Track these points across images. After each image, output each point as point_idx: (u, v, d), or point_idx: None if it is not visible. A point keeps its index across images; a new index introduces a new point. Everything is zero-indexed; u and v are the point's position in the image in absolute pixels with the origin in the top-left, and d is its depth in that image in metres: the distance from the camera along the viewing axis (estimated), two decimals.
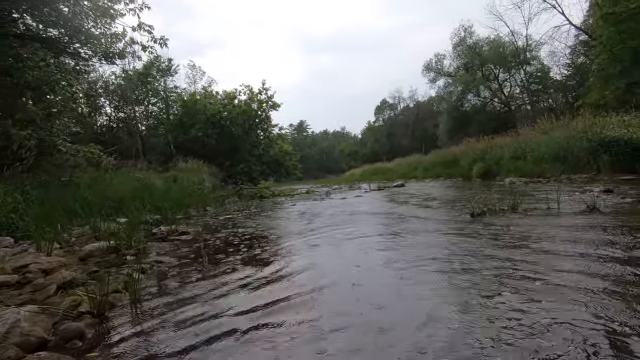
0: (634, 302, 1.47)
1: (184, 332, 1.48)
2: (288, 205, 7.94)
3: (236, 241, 3.67)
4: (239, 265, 2.59)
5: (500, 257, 2.31)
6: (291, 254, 2.97)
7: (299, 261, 2.65)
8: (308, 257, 2.76)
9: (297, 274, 2.28)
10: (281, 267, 2.51)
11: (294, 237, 3.80)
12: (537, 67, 30.35)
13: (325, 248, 3.10)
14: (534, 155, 10.58)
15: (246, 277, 2.28)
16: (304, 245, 3.33)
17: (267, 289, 2.01)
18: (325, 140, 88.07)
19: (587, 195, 4.94)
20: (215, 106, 24.91)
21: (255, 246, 3.33)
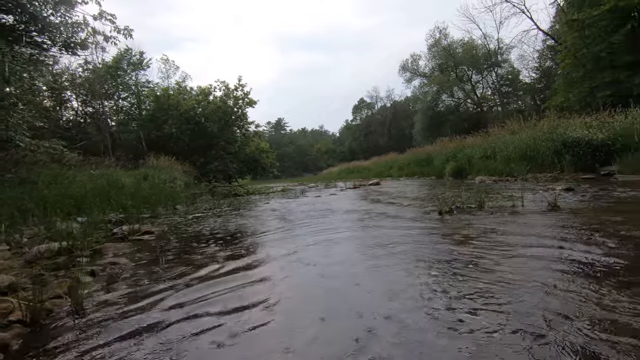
0: (566, 292, 1.49)
1: (126, 342, 1.37)
2: (261, 204, 7.81)
3: (201, 240, 3.53)
4: (198, 266, 2.48)
5: (452, 250, 2.41)
6: (255, 251, 2.87)
7: (262, 259, 2.56)
8: (271, 255, 2.68)
9: (255, 270, 2.20)
10: (242, 264, 2.42)
11: (260, 235, 3.71)
12: (508, 70, 31.49)
13: (291, 244, 3.03)
14: (502, 154, 10.92)
15: (203, 277, 2.17)
16: (269, 242, 3.25)
17: (224, 288, 1.91)
18: (303, 139, 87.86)
19: (550, 194, 5.12)
20: (189, 102, 24.25)
21: (220, 245, 3.21)
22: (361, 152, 48.23)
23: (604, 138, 8.28)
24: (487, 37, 29.36)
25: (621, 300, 1.44)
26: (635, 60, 14.19)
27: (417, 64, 35.15)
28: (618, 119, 8.90)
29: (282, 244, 3.17)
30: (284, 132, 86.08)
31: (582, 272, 1.84)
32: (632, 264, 1.87)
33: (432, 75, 32.84)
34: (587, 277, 1.75)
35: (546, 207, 3.90)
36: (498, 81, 31.21)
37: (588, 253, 2.12)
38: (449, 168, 12.89)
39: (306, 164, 75.78)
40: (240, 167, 27.50)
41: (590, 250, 2.17)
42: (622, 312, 1.34)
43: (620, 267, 1.84)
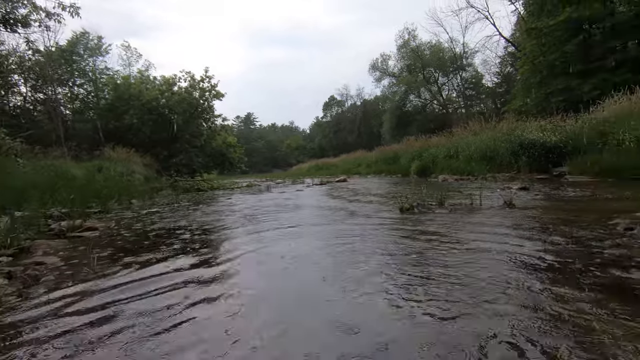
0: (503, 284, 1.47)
1: (19, 351, 1.16)
2: (223, 199, 7.52)
3: (148, 238, 3.27)
4: (137, 264, 2.25)
5: (405, 244, 2.43)
6: (202, 249, 2.68)
7: (208, 258, 2.38)
8: (218, 253, 2.50)
9: (195, 270, 2.02)
10: (184, 264, 2.23)
11: (213, 231, 3.50)
12: (472, 74, 32.76)
13: (241, 241, 2.86)
14: (465, 154, 11.28)
15: (137, 277, 1.96)
16: (219, 239, 3.05)
17: (155, 289, 1.72)
18: (273, 134, 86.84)
19: (506, 192, 5.29)
20: (152, 92, 23.08)
21: (167, 242, 2.98)
22: (331, 149, 48.40)
23: (556, 140, 8.73)
24: (454, 41, 30.38)
25: (545, 288, 1.56)
26: (585, 69, 15.17)
27: (387, 63, 35.73)
28: (569, 123, 9.43)
29: (232, 240, 2.99)
30: (254, 127, 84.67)
31: (522, 263, 1.89)
32: (565, 258, 1.89)
33: (400, 75, 33.49)
34: (524, 268, 1.81)
35: (502, 205, 3.99)
36: (463, 84, 32.40)
37: (530, 247, 2.16)
38: (415, 167, 13.15)
39: (276, 160, 74.99)
40: (206, 161, 26.63)
41: (533, 245, 2.21)
42: (544, 295, 1.47)
43: (553, 261, 1.89)
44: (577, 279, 1.62)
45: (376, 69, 35.99)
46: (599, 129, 7.79)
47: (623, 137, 6.80)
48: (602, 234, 2.35)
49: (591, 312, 1.28)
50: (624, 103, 8.21)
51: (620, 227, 2.42)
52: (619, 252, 1.93)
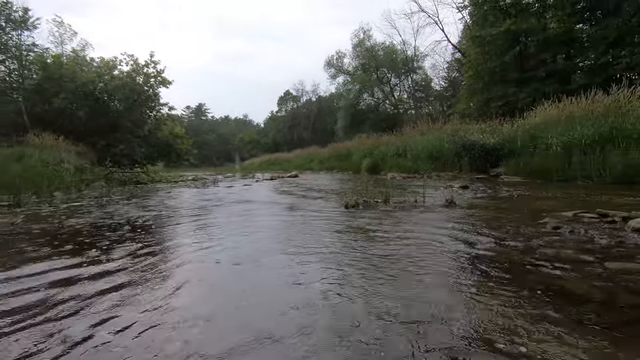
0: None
1: None
2: (162, 193, 6.97)
3: (56, 236, 2.83)
4: (30, 263, 1.88)
5: (343, 239, 2.34)
6: (108, 246, 2.34)
7: (113, 256, 2.06)
8: (124, 252, 2.19)
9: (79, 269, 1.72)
10: (80, 261, 1.90)
11: (134, 228, 3.13)
12: (422, 77, 34.15)
13: (161, 238, 2.56)
14: (412, 153, 11.64)
15: (19, 280, 1.61)
16: (135, 237, 2.72)
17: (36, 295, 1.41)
18: (226, 127, 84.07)
19: (448, 191, 5.46)
20: (88, 74, 20.99)
21: (76, 240, 2.58)
22: (285, 144, 47.90)
23: (494, 143, 9.28)
24: (406, 43, 31.41)
25: (469, 282, 1.60)
26: (521, 78, 16.44)
27: (342, 61, 35.99)
28: (506, 127, 10.10)
29: (150, 238, 2.68)
30: (205, 118, 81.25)
31: (451, 257, 1.90)
32: (495, 254, 1.89)
33: (355, 74, 33.94)
34: (452, 260, 1.85)
35: (444, 203, 4.07)
36: (413, 86, 33.68)
37: (463, 242, 2.16)
38: (365, 164, 13.34)
39: (228, 154, 72.69)
40: (150, 152, 24.85)
41: (466, 241, 2.22)
42: (464, 287, 1.53)
43: (482, 256, 1.88)
44: (500, 274, 1.60)
45: (331, 66, 36.14)
46: (531, 134, 8.40)
47: (551, 142, 7.38)
48: (532, 232, 2.42)
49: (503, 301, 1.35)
50: (552, 110, 8.95)
51: (549, 226, 2.51)
52: (548, 251, 1.97)
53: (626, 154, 5.94)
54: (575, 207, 3.11)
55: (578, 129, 7.03)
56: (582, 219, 2.72)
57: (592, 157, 6.36)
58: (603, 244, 2.02)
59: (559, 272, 1.64)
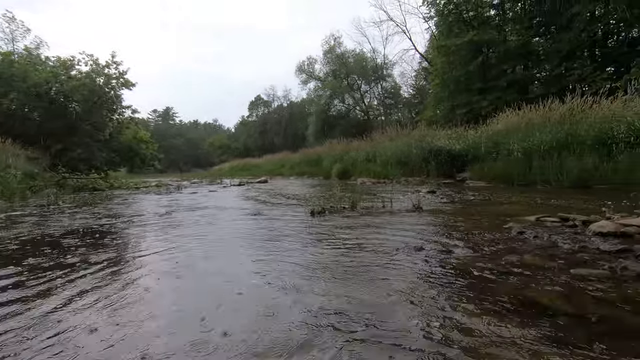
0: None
1: None
2: (118, 200, 6.50)
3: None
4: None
5: (302, 249, 2.17)
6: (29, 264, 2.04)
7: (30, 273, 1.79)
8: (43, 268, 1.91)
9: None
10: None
11: (70, 241, 2.81)
12: (392, 85, 34.93)
13: (105, 251, 2.28)
14: (382, 159, 11.73)
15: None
16: (71, 250, 2.42)
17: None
18: (195, 132, 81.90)
19: (416, 196, 5.45)
20: (42, 74, 19.65)
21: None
22: (256, 149, 47.24)
23: (460, 149, 9.52)
24: (375, 51, 32.06)
25: (420, 282, 1.57)
26: (484, 87, 17.14)
27: (313, 67, 36.15)
28: (471, 133, 10.40)
29: (90, 252, 2.39)
30: (173, 122, 78.74)
31: (415, 262, 1.76)
32: (456, 257, 1.81)
33: (326, 80, 34.15)
34: (416, 266, 1.71)
35: (411, 208, 4.01)
36: (383, 93, 34.36)
37: (428, 248, 2.05)
38: (336, 169, 13.30)
39: (197, 159, 70.79)
40: (111, 157, 23.62)
41: (431, 247, 2.11)
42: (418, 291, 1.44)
43: (447, 263, 1.77)
44: (463, 283, 1.50)
45: (303, 72, 36.17)
46: (494, 140, 8.67)
47: (512, 148, 7.64)
48: (497, 238, 2.37)
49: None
50: (513, 118, 9.31)
51: (514, 231, 2.48)
52: (513, 258, 1.90)
53: (581, 159, 6.22)
54: (537, 212, 3.14)
55: (537, 135, 7.32)
56: (545, 223, 2.73)
57: (550, 162, 6.62)
58: (566, 248, 2.00)
59: (524, 280, 1.56)
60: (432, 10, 21.15)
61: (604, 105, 7.38)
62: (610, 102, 7.34)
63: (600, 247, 1.95)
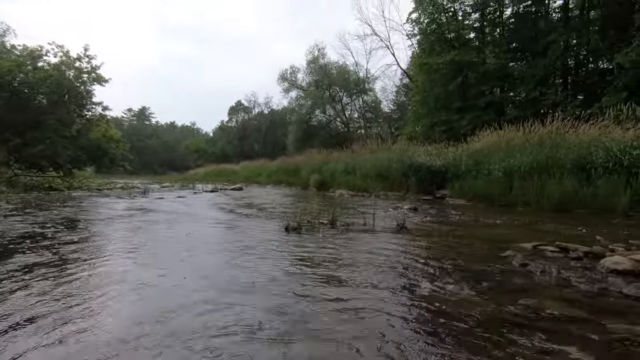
0: None
1: None
2: (72, 203, 5.85)
3: None
4: None
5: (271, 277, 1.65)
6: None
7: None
8: None
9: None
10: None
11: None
12: (373, 99, 35.30)
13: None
14: (361, 172, 11.50)
15: None
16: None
17: None
18: (171, 134, 79.60)
19: (398, 212, 5.18)
20: (5, 62, 18.30)
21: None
22: (234, 155, 46.27)
23: (440, 165, 9.42)
24: (358, 65, 32.32)
25: (410, 334, 1.14)
26: (463, 106, 17.45)
27: (296, 76, 35.98)
28: (451, 150, 10.37)
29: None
30: (149, 122, 76.20)
31: (403, 304, 1.37)
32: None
33: (308, 89, 34.06)
34: (405, 309, 1.31)
35: (395, 227, 3.72)
36: (364, 107, 34.61)
37: (422, 289, 1.71)
38: (314, 180, 12.96)
39: (173, 162, 68.63)
40: (77, 155, 22.25)
41: (425, 287, 1.77)
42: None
43: (438, 298, 1.44)
44: (470, 338, 1.18)
45: (285, 80, 35.91)
46: (474, 158, 8.63)
47: (493, 167, 7.58)
48: (498, 271, 2.08)
49: None
50: (493, 137, 9.34)
51: (515, 262, 2.20)
52: (528, 301, 1.60)
53: (561, 182, 6.18)
54: (531, 238, 2.90)
55: (517, 156, 7.29)
56: (545, 252, 2.48)
57: (531, 184, 6.56)
58: (584, 290, 1.73)
59: (552, 338, 1.24)
60: (416, 28, 21.55)
61: (582, 130, 7.48)
62: (588, 127, 7.44)
63: (623, 290, 1.69)
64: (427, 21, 19.84)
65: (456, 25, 18.60)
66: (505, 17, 17.89)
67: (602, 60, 14.71)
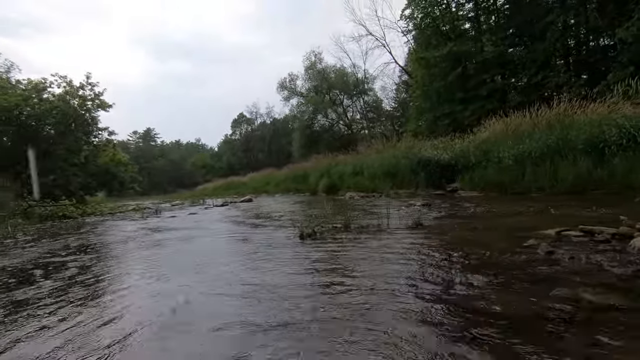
0: None
1: None
2: (86, 229, 5.91)
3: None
4: None
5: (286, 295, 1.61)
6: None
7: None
8: None
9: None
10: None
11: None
12: (373, 98, 35.25)
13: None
14: (369, 172, 11.44)
15: None
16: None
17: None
18: (177, 152, 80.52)
19: (412, 210, 5.12)
20: (11, 98, 18.74)
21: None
22: (241, 167, 46.58)
23: (449, 158, 9.32)
24: (356, 66, 32.34)
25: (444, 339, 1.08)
26: (465, 97, 17.29)
27: (295, 83, 36.17)
28: (458, 143, 10.25)
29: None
30: (155, 143, 77.24)
31: (432, 306, 1.31)
32: (484, 295, 1.43)
33: (308, 95, 34.18)
34: (435, 311, 1.22)
35: (410, 224, 3.66)
36: (365, 107, 34.58)
37: (442, 278, 1.65)
38: (322, 184, 12.93)
39: (181, 179, 69.33)
40: (88, 182, 22.65)
41: (445, 274, 1.72)
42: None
43: (469, 298, 1.38)
44: (511, 338, 1.11)
45: (284, 88, 36.13)
46: (482, 148, 8.51)
47: (503, 155, 7.46)
48: (524, 261, 2.02)
49: None
50: (499, 125, 9.22)
51: (540, 250, 2.13)
52: (563, 292, 1.53)
53: (574, 164, 6.05)
54: (552, 224, 2.82)
55: (527, 142, 7.17)
56: (569, 238, 2.41)
57: (543, 169, 6.43)
58: (618, 274, 1.66)
59: (598, 330, 1.15)
60: (410, 24, 21.50)
61: (590, 109, 7.33)
62: (597, 106, 7.29)
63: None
64: (421, 16, 19.78)
65: (450, 17, 18.51)
66: (499, 4, 17.75)
67: (603, 37, 14.48)
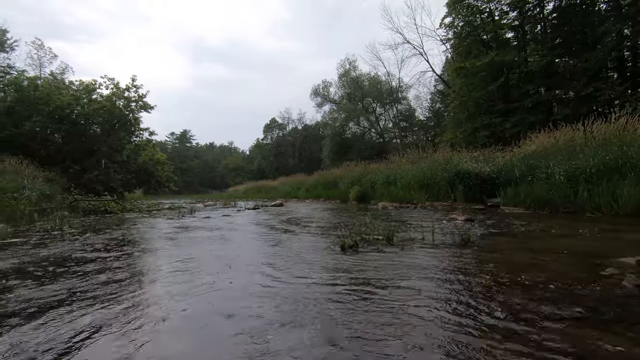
0: None
1: None
2: (127, 225, 6.09)
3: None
4: None
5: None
6: None
7: None
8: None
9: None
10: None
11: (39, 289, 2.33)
12: (406, 107, 34.73)
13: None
14: (403, 182, 11.13)
15: None
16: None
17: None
18: (210, 154, 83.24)
19: (454, 224, 4.85)
20: (64, 97, 20.10)
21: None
22: (271, 171, 47.31)
23: (489, 172, 8.88)
24: (390, 74, 32.07)
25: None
26: (506, 109, 16.56)
27: (328, 90, 36.42)
28: (500, 155, 9.76)
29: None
30: (190, 145, 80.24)
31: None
32: (572, 342, 1.22)
33: (341, 102, 34.22)
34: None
35: (458, 241, 3.43)
36: (398, 116, 34.11)
37: (514, 312, 1.45)
38: (354, 192, 12.74)
39: (213, 181, 71.53)
40: (128, 179, 23.77)
41: (516, 308, 1.51)
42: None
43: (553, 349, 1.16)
44: None
45: (318, 95, 36.45)
46: (529, 163, 8.02)
47: (553, 171, 6.97)
48: (607, 294, 1.77)
49: None
50: (548, 138, 8.67)
51: (628, 282, 1.87)
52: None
53: (638, 184, 5.52)
54: (624, 249, 2.51)
55: (581, 157, 6.66)
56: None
57: (600, 188, 5.93)
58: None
59: None
60: (450, 32, 21.02)
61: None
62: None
63: None
64: (462, 24, 19.29)
65: (493, 26, 17.90)
66: (546, 12, 16.96)
67: None
